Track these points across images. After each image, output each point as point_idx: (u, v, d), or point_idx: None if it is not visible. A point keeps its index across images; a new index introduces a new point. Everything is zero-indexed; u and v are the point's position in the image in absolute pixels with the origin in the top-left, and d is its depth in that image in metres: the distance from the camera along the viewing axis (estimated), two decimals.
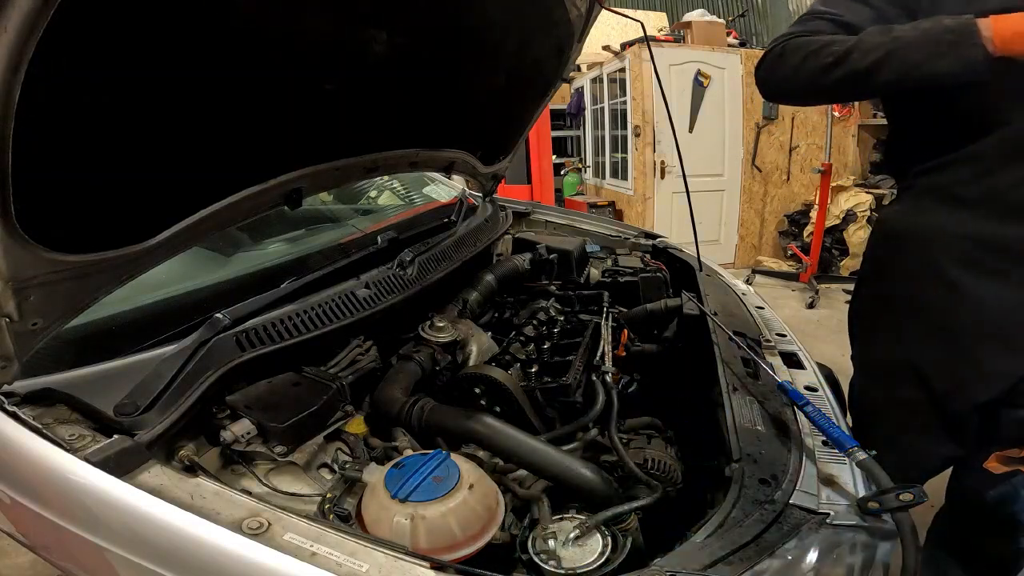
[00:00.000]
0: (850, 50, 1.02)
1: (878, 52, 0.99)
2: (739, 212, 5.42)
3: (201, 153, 0.94)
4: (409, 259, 1.39)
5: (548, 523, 0.85)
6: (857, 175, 5.44)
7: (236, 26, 0.85)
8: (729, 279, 1.80)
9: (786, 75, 1.13)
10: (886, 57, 0.99)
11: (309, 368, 1.07)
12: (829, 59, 1.05)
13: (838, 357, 3.44)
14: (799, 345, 1.35)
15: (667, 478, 1.04)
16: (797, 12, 7.79)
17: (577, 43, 1.64)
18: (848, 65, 1.02)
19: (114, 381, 0.87)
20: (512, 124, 1.90)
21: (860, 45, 1.02)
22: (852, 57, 1.02)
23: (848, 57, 1.02)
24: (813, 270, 4.71)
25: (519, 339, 1.39)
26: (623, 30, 6.16)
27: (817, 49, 1.07)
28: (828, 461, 0.91)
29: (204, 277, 1.26)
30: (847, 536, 0.77)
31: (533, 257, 1.85)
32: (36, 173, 0.66)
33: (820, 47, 1.07)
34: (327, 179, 1.28)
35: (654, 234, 2.16)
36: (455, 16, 1.23)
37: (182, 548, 0.67)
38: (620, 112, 5.39)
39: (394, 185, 2.38)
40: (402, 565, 0.65)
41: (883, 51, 0.99)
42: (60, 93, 0.66)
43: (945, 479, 1.42)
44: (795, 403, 1.03)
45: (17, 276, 0.69)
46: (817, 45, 1.07)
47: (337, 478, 0.92)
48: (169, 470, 0.75)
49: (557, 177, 6.57)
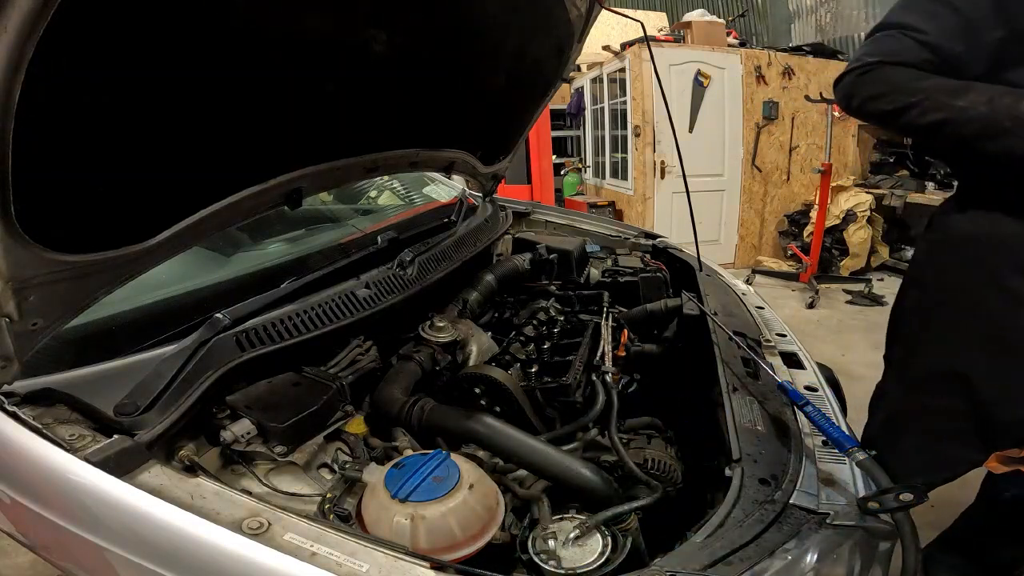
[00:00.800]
0: (912, 105, 1.04)
1: (936, 115, 1.02)
2: (739, 212, 5.42)
3: (201, 153, 0.94)
4: (409, 259, 1.39)
5: (548, 523, 0.85)
6: (857, 175, 5.44)
7: (236, 26, 0.85)
8: (729, 279, 1.80)
9: (860, 104, 1.15)
10: (941, 124, 1.02)
11: (309, 368, 1.07)
12: (891, 107, 1.08)
13: (838, 357, 3.47)
14: (799, 345, 1.35)
15: (667, 478, 1.04)
16: (797, 12, 7.80)
17: (577, 43, 1.64)
18: (906, 118, 1.06)
19: (114, 381, 0.87)
20: (512, 124, 1.90)
21: (923, 103, 1.03)
22: (911, 113, 1.05)
23: (908, 111, 1.05)
24: (813, 270, 4.71)
25: (519, 339, 1.39)
26: (623, 30, 6.16)
27: (885, 93, 1.09)
28: (828, 461, 0.91)
29: (204, 277, 1.26)
30: (847, 536, 0.77)
31: (533, 257, 1.85)
32: (36, 173, 0.66)
33: (888, 91, 1.09)
34: (327, 179, 1.28)
35: (654, 234, 2.16)
36: (455, 16, 1.23)
37: (182, 548, 0.67)
38: (620, 112, 5.39)
39: (394, 185, 2.38)
40: (402, 565, 0.65)
41: (941, 116, 1.01)
42: (60, 93, 0.66)
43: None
44: (795, 403, 1.03)
45: (17, 276, 0.69)
46: (886, 88, 1.09)
47: (337, 478, 0.92)
48: (169, 470, 0.75)
49: (557, 177, 6.57)
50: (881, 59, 1.10)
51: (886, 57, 1.10)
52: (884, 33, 1.13)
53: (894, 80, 1.08)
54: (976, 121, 0.99)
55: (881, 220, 5.13)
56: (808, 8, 7.61)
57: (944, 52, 1.05)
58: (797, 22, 7.89)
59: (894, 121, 1.10)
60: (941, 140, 1.05)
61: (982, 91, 1.00)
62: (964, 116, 1.00)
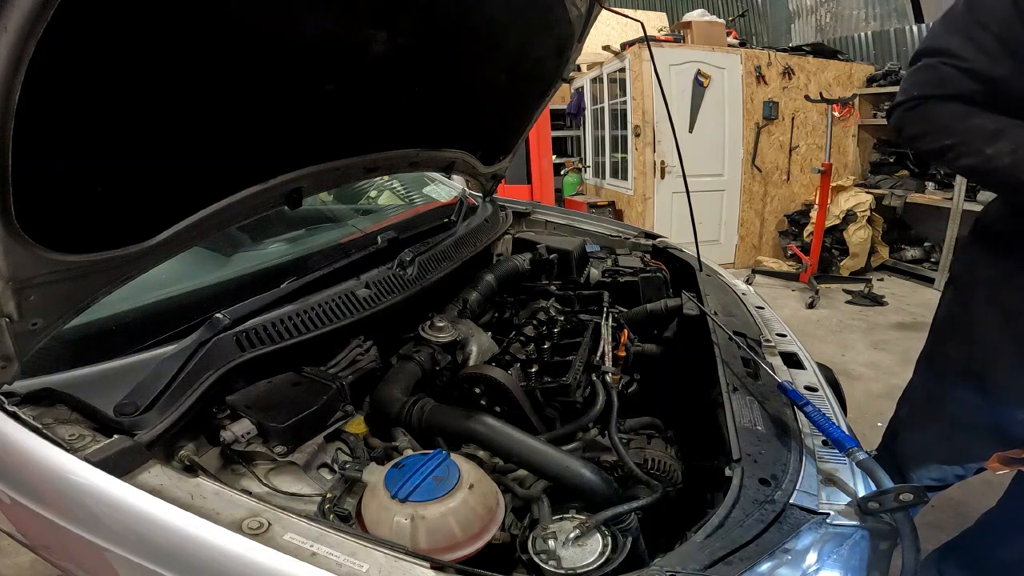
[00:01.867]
0: (949, 148, 1.08)
1: (969, 160, 1.05)
2: (739, 212, 5.42)
3: (201, 153, 0.94)
4: (409, 259, 1.39)
5: (548, 523, 0.85)
6: (857, 175, 5.44)
7: (236, 26, 0.85)
8: (729, 279, 1.80)
9: (908, 141, 1.19)
10: (972, 168, 1.05)
11: (309, 368, 1.07)
12: (931, 147, 1.13)
13: (838, 357, 3.48)
14: (799, 345, 1.35)
15: (667, 478, 1.04)
16: (797, 12, 7.80)
17: (577, 43, 1.64)
18: (945, 159, 1.10)
19: (114, 381, 0.87)
20: (512, 124, 1.90)
21: (958, 146, 1.07)
22: (949, 155, 1.09)
23: (946, 153, 1.09)
24: (813, 270, 4.72)
25: (519, 339, 1.38)
26: (623, 30, 6.17)
27: (927, 133, 1.13)
28: (828, 461, 0.91)
29: (204, 277, 1.26)
30: (847, 536, 0.77)
31: (533, 257, 1.85)
32: (36, 173, 0.66)
33: (930, 131, 1.12)
34: (327, 179, 1.28)
35: (654, 234, 2.16)
36: (455, 16, 1.23)
37: (182, 548, 0.67)
38: (620, 112, 5.39)
39: (394, 185, 2.38)
40: (402, 565, 0.65)
41: (972, 161, 1.05)
42: (61, 93, 0.66)
43: None
44: (795, 403, 1.03)
45: (17, 276, 0.69)
46: (925, 128, 1.13)
47: (337, 478, 0.92)
48: (169, 470, 0.75)
49: (557, 177, 6.57)
50: (924, 92, 1.11)
51: (929, 90, 1.11)
52: (926, 61, 1.12)
53: (936, 119, 1.10)
54: (1000, 172, 1.01)
55: (881, 220, 5.13)
56: (808, 8, 7.61)
57: (986, 77, 1.04)
58: (797, 22, 7.89)
59: (937, 160, 1.15)
60: (974, 180, 1.08)
61: (1013, 138, 1.00)
62: (990, 165, 1.02)
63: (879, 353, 3.51)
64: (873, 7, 6.40)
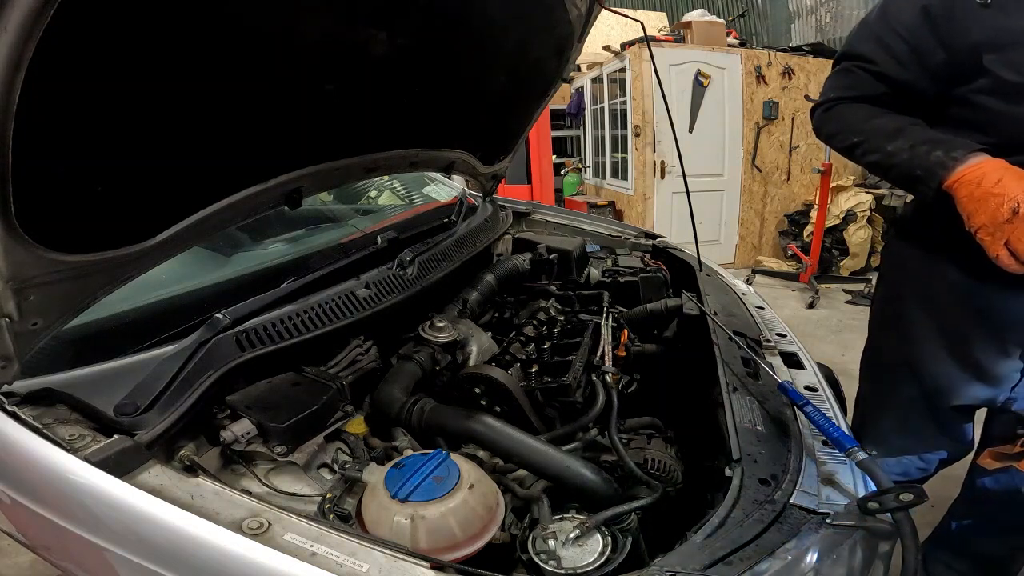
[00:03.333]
0: (856, 145, 1.17)
1: (872, 156, 1.14)
2: (739, 212, 5.42)
3: (201, 153, 0.94)
4: (409, 259, 1.39)
5: (548, 523, 0.85)
6: (857, 175, 5.44)
7: (236, 25, 0.84)
8: (729, 279, 1.80)
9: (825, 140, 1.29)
10: (876, 164, 1.14)
11: (309, 368, 1.07)
12: (842, 145, 1.21)
13: (838, 357, 3.47)
14: (799, 345, 1.35)
15: (667, 478, 1.04)
16: (797, 12, 7.80)
17: (577, 43, 1.64)
18: (854, 156, 1.19)
19: (114, 381, 0.87)
20: (512, 124, 1.90)
21: (863, 144, 1.15)
22: (856, 152, 1.17)
23: (854, 150, 1.18)
24: (813, 270, 4.72)
25: (519, 339, 1.38)
26: (623, 30, 6.17)
27: (838, 132, 1.22)
28: (828, 461, 0.91)
29: (204, 277, 1.26)
30: (847, 536, 0.77)
31: (533, 257, 1.84)
32: (36, 173, 0.66)
33: (840, 130, 1.21)
34: (327, 179, 1.28)
35: (654, 234, 2.16)
36: (455, 16, 1.23)
37: (182, 548, 0.67)
38: (620, 112, 5.39)
39: (394, 185, 2.38)
40: (402, 565, 0.65)
41: (875, 158, 1.13)
42: (61, 93, 0.66)
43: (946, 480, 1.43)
44: (795, 403, 1.03)
45: (17, 276, 0.69)
46: (837, 128, 1.22)
47: (337, 478, 0.92)
48: (169, 470, 0.75)
49: (557, 177, 6.57)
50: (839, 95, 1.21)
51: (843, 92, 1.21)
52: (844, 65, 1.22)
53: (846, 119, 1.20)
54: (897, 167, 1.08)
55: (881, 220, 5.13)
56: (808, 8, 7.61)
57: (895, 80, 1.13)
58: (797, 22, 7.89)
59: (848, 157, 1.22)
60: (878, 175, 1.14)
61: (911, 136, 1.07)
62: (889, 161, 1.09)
63: None
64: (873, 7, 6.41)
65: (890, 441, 1.37)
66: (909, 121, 1.10)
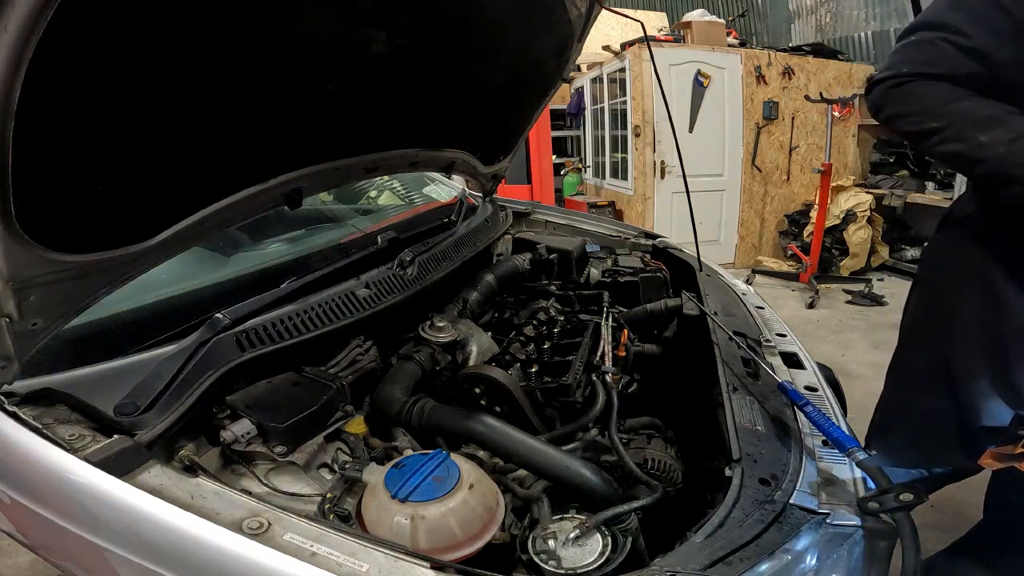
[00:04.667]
0: (934, 131, 1.01)
1: (954, 146, 0.98)
2: (739, 212, 5.42)
3: (201, 153, 0.94)
4: (409, 259, 1.39)
5: (548, 523, 0.85)
6: (857, 175, 5.44)
7: (236, 26, 0.85)
8: (729, 279, 1.80)
9: (887, 119, 1.11)
10: (957, 156, 0.98)
11: (309, 368, 1.07)
12: (914, 129, 1.04)
13: (838, 357, 3.47)
14: (799, 345, 1.35)
15: (667, 478, 1.04)
16: (797, 12, 7.79)
17: (577, 43, 1.64)
18: (927, 143, 1.03)
19: (114, 381, 0.87)
20: (512, 124, 1.90)
21: (945, 130, 0.99)
22: (933, 139, 1.01)
23: (930, 137, 1.02)
24: (813, 270, 4.72)
25: (519, 339, 1.38)
26: (623, 30, 6.17)
27: (911, 113, 1.05)
28: (828, 461, 0.91)
29: (204, 277, 1.26)
30: (847, 536, 0.77)
31: (533, 257, 1.84)
32: (36, 173, 0.66)
33: (915, 111, 1.04)
34: (327, 179, 1.28)
35: (654, 234, 2.16)
36: (455, 16, 1.23)
37: (182, 548, 0.67)
38: (620, 112, 5.39)
39: (394, 185, 2.38)
40: (402, 565, 0.65)
41: (959, 148, 0.97)
42: (61, 93, 0.66)
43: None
44: (795, 403, 1.03)
45: (17, 276, 0.69)
46: (911, 108, 1.05)
47: (337, 478, 0.92)
48: (169, 470, 0.75)
49: (557, 177, 6.57)
50: (914, 71, 1.03)
51: (920, 68, 1.03)
52: (922, 36, 1.03)
53: (923, 100, 1.02)
54: (987, 162, 0.94)
55: (881, 220, 5.13)
56: (808, 8, 7.60)
57: (989, 59, 0.96)
58: (797, 22, 7.88)
59: (915, 143, 1.06)
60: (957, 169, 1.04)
61: (1012, 127, 0.93)
62: (979, 154, 0.95)
63: (879, 353, 3.51)
64: (873, 7, 6.39)
65: (901, 455, 1.30)
66: (1004, 109, 0.94)
